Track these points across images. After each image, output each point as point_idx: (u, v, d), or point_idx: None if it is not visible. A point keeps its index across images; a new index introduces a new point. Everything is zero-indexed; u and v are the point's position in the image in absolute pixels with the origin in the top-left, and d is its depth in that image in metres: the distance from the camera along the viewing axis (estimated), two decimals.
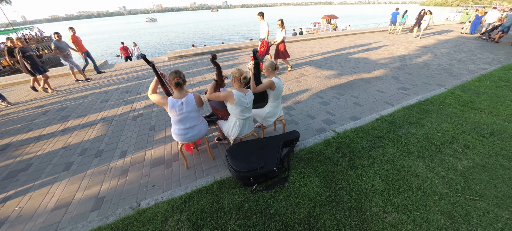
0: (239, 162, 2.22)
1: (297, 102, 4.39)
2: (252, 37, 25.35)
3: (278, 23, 5.97)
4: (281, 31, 5.91)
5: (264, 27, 6.03)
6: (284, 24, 5.98)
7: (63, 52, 6.26)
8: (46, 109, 4.89)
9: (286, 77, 5.86)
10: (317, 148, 2.75)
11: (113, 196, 2.43)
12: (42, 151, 3.37)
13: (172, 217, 1.99)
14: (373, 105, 4.11)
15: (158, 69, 2.37)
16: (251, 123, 2.60)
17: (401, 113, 3.52)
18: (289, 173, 2.35)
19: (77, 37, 6.84)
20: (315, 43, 10.62)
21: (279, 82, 2.71)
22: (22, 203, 2.44)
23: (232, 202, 2.08)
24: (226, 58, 8.58)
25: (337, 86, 5.08)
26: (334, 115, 3.80)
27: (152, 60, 2.37)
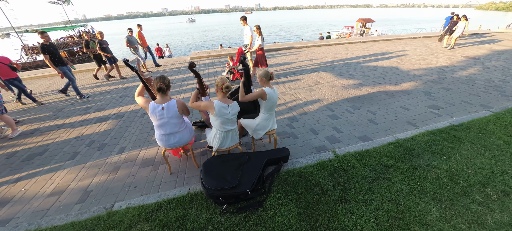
0: (211, 178, 2.07)
1: (303, 113, 4.05)
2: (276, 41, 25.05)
3: (255, 29, 5.55)
4: (258, 37, 5.49)
5: (247, 32, 5.68)
6: (261, 30, 5.54)
7: (132, 45, 6.99)
8: (81, 101, 5.49)
9: (298, 85, 5.50)
10: (308, 170, 2.44)
11: (98, 191, 2.53)
12: (59, 138, 3.75)
13: (136, 225, 1.94)
14: (392, 124, 3.53)
15: (142, 74, 2.37)
16: (234, 136, 2.43)
17: (424, 138, 2.92)
18: (266, 197, 2.10)
19: (142, 33, 7.73)
20: (340, 49, 9.87)
21: (272, 92, 2.48)
22: (28, 186, 2.70)
23: (198, 220, 1.94)
24: None
25: (354, 98, 4.55)
26: (341, 132, 3.37)
27: (135, 66, 2.38)
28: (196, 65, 2.27)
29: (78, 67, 9.01)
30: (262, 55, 5.60)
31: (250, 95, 2.43)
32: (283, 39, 30.53)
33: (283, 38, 31.51)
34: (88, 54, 7.17)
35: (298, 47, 10.29)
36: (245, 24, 5.75)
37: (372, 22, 22.24)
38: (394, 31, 23.24)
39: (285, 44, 11.51)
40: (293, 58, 8.45)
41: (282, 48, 10.09)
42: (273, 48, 10.16)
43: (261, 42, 5.46)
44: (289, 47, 10.20)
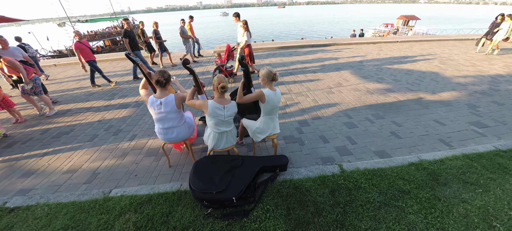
0: (199, 179, 2.01)
1: (316, 117, 3.75)
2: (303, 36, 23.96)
3: (241, 25, 5.32)
4: (244, 33, 5.26)
5: (241, 30, 5.44)
6: (247, 26, 5.31)
7: (185, 35, 7.39)
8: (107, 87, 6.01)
9: (317, 85, 5.13)
10: (306, 183, 2.21)
11: (104, 175, 2.69)
12: (85, 120, 4.13)
13: (125, 214, 2.00)
14: (419, 140, 3.03)
15: (144, 68, 2.39)
16: (230, 138, 2.32)
17: (457, 162, 2.42)
18: (255, 207, 1.97)
19: (192, 25, 8.10)
20: (372, 48, 8.94)
21: (272, 95, 2.29)
22: (51, 161, 3.02)
23: (181, 220, 1.90)
24: (280, 54, 8.34)
25: (378, 106, 4.05)
26: (355, 143, 3.01)
27: (137, 59, 2.42)
28: (190, 62, 2.20)
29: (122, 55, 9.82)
30: (249, 52, 5.44)
31: (247, 96, 2.28)
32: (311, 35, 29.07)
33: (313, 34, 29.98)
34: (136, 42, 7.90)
35: (324, 45, 9.65)
36: (238, 21, 5.62)
37: (416, 20, 19.66)
38: (442, 31, 20.17)
39: (311, 41, 10.92)
40: (318, 56, 7.94)
41: (307, 45, 9.57)
42: (297, 44, 9.71)
43: (247, 39, 5.28)
44: (315, 44, 9.63)
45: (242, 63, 2.36)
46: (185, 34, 7.37)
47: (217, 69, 5.54)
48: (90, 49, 5.48)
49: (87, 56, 5.40)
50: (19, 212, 2.12)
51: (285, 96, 4.64)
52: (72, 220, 1.99)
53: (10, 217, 2.06)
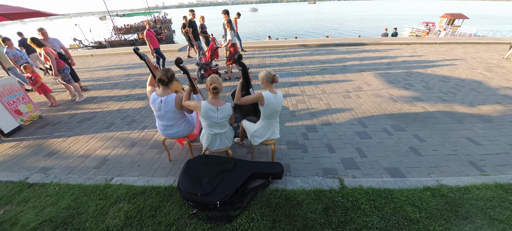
0: (187, 179, 2.01)
1: (326, 123, 3.50)
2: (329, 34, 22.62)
3: (225, 23, 5.22)
4: (229, 32, 5.12)
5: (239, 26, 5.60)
6: (232, 25, 5.13)
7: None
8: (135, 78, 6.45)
9: (334, 88, 4.80)
10: (299, 196, 2.07)
11: (112, 162, 2.88)
12: (107, 108, 4.48)
13: (119, 203, 2.10)
14: (443, 160, 2.62)
15: (151, 64, 2.45)
16: (224, 140, 2.27)
17: (486, 193, 2.02)
18: (240, 214, 1.90)
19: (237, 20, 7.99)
20: (405, 50, 8.06)
21: (272, 98, 2.17)
22: (72, 144, 3.34)
23: (167, 216, 1.93)
24: (297, 53, 8.10)
25: (400, 116, 3.62)
26: (365, 156, 2.73)
27: (144, 55, 2.48)
28: (183, 61, 2.19)
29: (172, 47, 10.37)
30: (234, 51, 5.26)
31: (245, 98, 2.20)
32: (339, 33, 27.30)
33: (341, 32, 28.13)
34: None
35: (349, 44, 9.00)
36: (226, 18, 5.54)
37: (463, 19, 17.09)
38: (494, 32, 17.13)
39: (336, 39, 10.29)
40: (340, 56, 7.44)
41: (330, 43, 9.04)
42: (320, 43, 9.23)
43: (231, 38, 5.15)
44: (339, 43, 9.03)
45: (239, 63, 2.28)
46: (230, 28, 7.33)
47: (202, 69, 5.53)
48: (157, 37, 6.08)
49: (154, 44, 5.99)
50: (36, 188, 2.38)
51: (297, 97, 4.43)
52: (75, 201, 2.16)
53: (28, 192, 2.32)
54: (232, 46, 5.28)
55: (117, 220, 1.94)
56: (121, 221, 1.93)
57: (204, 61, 5.57)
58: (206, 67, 5.49)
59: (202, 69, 5.49)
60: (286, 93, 4.68)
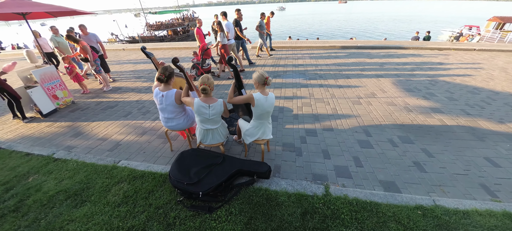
0: (178, 168, 2.18)
1: (328, 128, 3.42)
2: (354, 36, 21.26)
3: (215, 25, 5.42)
4: (219, 34, 5.30)
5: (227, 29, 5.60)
6: (222, 27, 5.30)
7: (262, 30, 7.26)
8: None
9: (344, 93, 4.63)
10: (281, 197, 2.10)
11: (123, 146, 3.22)
12: (128, 99, 4.96)
13: (121, 183, 2.38)
14: (450, 180, 2.40)
15: (157, 62, 2.68)
16: (216, 136, 2.40)
17: (489, 220, 1.82)
18: (221, 206, 2.01)
19: (270, 19, 8.00)
20: (436, 55, 7.32)
21: (263, 99, 2.23)
22: (94, 127, 3.81)
23: (158, 199, 2.13)
24: (324, 55, 7.98)
25: (412, 127, 3.37)
26: (361, 166, 2.63)
27: (151, 53, 2.71)
28: (179, 60, 2.34)
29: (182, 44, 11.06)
30: (224, 53, 5.42)
31: (237, 98, 2.29)
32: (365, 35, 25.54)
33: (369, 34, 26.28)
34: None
35: (372, 47, 8.48)
36: (225, 20, 5.82)
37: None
38: None
39: (359, 41, 9.77)
40: (360, 60, 7.07)
41: (351, 46, 8.62)
42: (340, 44, 8.87)
43: (221, 39, 5.31)
44: (362, 46, 8.57)
45: (230, 65, 2.37)
46: (262, 29, 7.23)
47: (195, 68, 5.73)
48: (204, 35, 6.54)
49: (203, 41, 6.40)
50: (59, 162, 2.79)
51: (303, 100, 4.38)
52: (87, 177, 2.49)
53: (53, 165, 2.75)
54: (223, 48, 5.45)
55: (116, 197, 2.21)
56: (119, 198, 2.19)
57: (196, 60, 5.79)
58: (198, 66, 5.70)
59: (195, 68, 5.75)
60: (294, 95, 4.65)
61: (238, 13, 6.44)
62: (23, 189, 2.39)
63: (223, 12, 6.05)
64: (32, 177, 2.58)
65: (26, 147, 3.21)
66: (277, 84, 5.28)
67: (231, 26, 5.91)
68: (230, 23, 5.91)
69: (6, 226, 1.98)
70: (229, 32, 5.74)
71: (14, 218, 2.06)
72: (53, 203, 2.19)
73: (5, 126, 3.98)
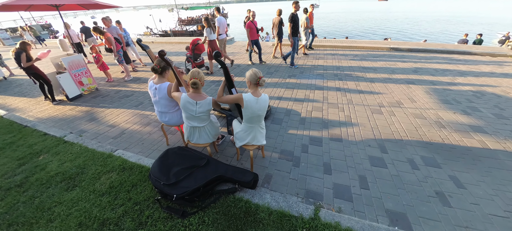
0: (159, 166, 2.11)
1: (337, 138, 3.04)
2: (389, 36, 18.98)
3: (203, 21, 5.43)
4: (205, 29, 5.37)
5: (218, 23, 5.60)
6: (209, 23, 5.30)
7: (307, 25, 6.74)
8: None
9: (364, 99, 4.10)
10: (261, 213, 1.88)
11: (126, 135, 3.34)
12: (144, 89, 5.18)
13: (110, 173, 2.43)
14: (481, 221, 1.86)
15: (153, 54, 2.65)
16: (203, 134, 2.27)
17: None
18: (196, 212, 1.88)
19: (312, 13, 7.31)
20: (487, 63, 6.07)
21: (253, 101, 2.02)
22: (108, 114, 4.03)
23: (138, 194, 2.11)
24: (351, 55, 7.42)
25: (442, 147, 2.79)
26: (367, 189, 2.24)
27: (147, 45, 2.68)
28: (166, 53, 2.24)
29: None
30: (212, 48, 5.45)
31: (225, 97, 2.12)
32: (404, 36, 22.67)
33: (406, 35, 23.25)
34: None
35: (409, 50, 7.45)
36: (217, 15, 5.92)
37: None
38: None
39: (392, 43, 8.71)
40: (390, 63, 6.25)
41: (383, 47, 7.70)
42: (369, 45, 8.01)
43: (208, 35, 5.37)
44: (395, 48, 7.59)
45: (218, 61, 2.20)
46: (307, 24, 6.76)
47: (187, 61, 5.76)
48: (257, 29, 6.21)
49: (253, 36, 6.10)
50: (67, 145, 3.00)
51: (315, 104, 4.01)
52: (84, 163, 2.61)
53: (61, 147, 2.96)
54: (209, 44, 5.45)
55: (102, 186, 2.25)
56: (105, 188, 2.23)
57: (189, 54, 5.73)
58: (191, 60, 5.66)
59: (187, 61, 5.79)
60: (305, 97, 4.29)
61: (295, 5, 5.75)
62: (32, 166, 2.61)
63: (217, 7, 6.19)
64: (43, 156, 2.81)
65: (46, 127, 3.55)
66: (289, 84, 4.96)
67: (223, 21, 5.82)
68: (222, 18, 5.85)
69: (8, 199, 2.17)
70: (220, 27, 5.66)
71: (16, 193, 2.24)
72: (50, 183, 2.33)
73: (37, 106, 4.50)
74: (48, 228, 1.85)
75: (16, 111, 4.31)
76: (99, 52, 5.60)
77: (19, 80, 6.43)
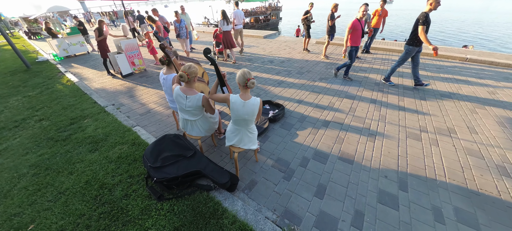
0: (152, 148, 2.31)
1: (348, 159, 2.63)
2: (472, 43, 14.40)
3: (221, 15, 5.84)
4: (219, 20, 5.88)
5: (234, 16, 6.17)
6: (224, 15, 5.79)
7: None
8: None
9: (402, 119, 3.37)
10: (225, 220, 1.82)
11: (151, 114, 3.77)
12: None
13: (123, 145, 2.82)
14: None
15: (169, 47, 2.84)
16: (194, 128, 2.34)
17: None
18: (171, 199, 1.99)
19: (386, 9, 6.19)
20: None
21: (239, 104, 1.94)
22: (145, 93, 4.65)
23: (135, 169, 2.40)
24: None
25: (492, 202, 2.03)
26: (358, 229, 1.87)
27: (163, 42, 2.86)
28: (167, 46, 2.31)
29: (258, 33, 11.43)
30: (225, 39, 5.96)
31: (215, 95, 2.11)
32: (495, 44, 16.94)
33: (504, 44, 17.29)
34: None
35: (492, 63, 5.59)
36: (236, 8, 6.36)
37: None
38: None
39: (473, 51, 6.75)
40: (461, 77, 4.88)
41: (458, 56, 6.05)
42: (443, 53, 6.44)
43: (221, 26, 5.86)
44: (475, 58, 5.85)
45: (207, 57, 2.16)
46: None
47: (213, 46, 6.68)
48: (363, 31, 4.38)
49: (356, 40, 4.33)
50: (105, 114, 3.64)
51: (337, 114, 3.54)
52: (109, 131, 3.13)
53: (101, 115, 3.61)
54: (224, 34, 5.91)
55: (114, 155, 2.64)
56: (115, 157, 2.61)
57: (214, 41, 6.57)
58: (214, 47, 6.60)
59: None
60: (330, 104, 3.83)
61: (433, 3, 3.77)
62: (77, 126, 3.30)
63: (236, 1, 6.39)
64: (87, 120, 3.50)
65: (97, 97, 4.39)
66: (316, 88, 4.53)
67: (239, 13, 6.27)
68: (238, 11, 6.30)
69: (53, 149, 2.82)
70: (236, 19, 6.23)
71: (60, 145, 2.89)
72: (82, 143, 2.90)
73: (100, 79, 5.60)
74: (67, 178, 2.33)
75: (85, 80, 5.51)
76: (150, 38, 6.46)
77: (97, 55, 8.15)
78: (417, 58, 4.17)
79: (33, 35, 14.71)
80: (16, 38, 15.67)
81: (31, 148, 2.90)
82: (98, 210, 1.96)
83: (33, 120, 3.65)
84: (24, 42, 13.21)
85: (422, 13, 3.72)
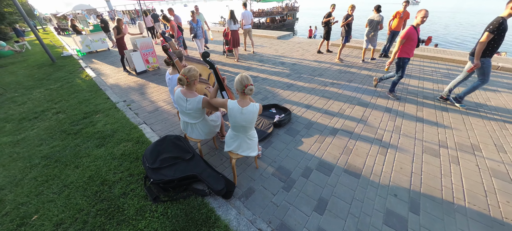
0: (153, 148, 2.32)
1: (355, 172, 2.47)
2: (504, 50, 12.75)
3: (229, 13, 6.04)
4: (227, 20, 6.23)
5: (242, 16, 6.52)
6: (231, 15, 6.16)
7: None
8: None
9: (417, 131, 3.10)
10: (217, 228, 1.77)
11: (158, 112, 3.83)
12: None
13: (128, 142, 2.88)
14: None
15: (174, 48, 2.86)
16: (195, 130, 2.31)
17: None
18: (165, 202, 1.98)
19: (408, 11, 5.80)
20: None
21: (237, 110, 1.87)
22: (155, 90, 4.77)
23: (136, 168, 2.43)
24: None
25: None
26: None
27: (169, 37, 2.88)
28: (169, 48, 2.29)
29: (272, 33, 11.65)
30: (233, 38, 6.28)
31: (215, 100, 2.06)
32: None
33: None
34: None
35: None
36: (244, 9, 6.54)
37: None
38: None
39: (506, 60, 6.08)
40: (494, 87, 4.42)
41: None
42: (455, 58, 5.88)
43: (228, 25, 6.21)
44: (508, 67, 5.27)
45: (206, 61, 2.10)
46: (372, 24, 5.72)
47: None
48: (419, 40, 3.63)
49: (410, 51, 3.59)
50: (115, 110, 3.76)
51: (347, 122, 3.35)
52: (117, 128, 3.21)
53: (112, 111, 3.73)
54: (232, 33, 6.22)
55: (118, 152, 2.71)
56: (119, 153, 2.67)
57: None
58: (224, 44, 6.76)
59: None
60: (340, 111, 3.64)
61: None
62: (88, 121, 3.44)
63: (244, 2, 6.53)
64: (99, 115, 3.64)
65: (111, 93, 4.57)
66: (327, 93, 4.34)
67: (247, 14, 6.54)
68: (247, 11, 6.53)
69: (65, 141, 2.95)
70: (244, 19, 6.54)
71: (71, 138, 3.02)
72: (91, 138, 3.01)
73: (116, 75, 5.84)
74: (73, 171, 2.42)
75: (102, 76, 5.77)
76: None
77: (116, 52, 8.53)
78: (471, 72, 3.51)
79: (62, 31, 15.82)
80: (46, 34, 16.98)
81: (45, 140, 3.07)
82: (96, 206, 2.01)
83: (51, 113, 3.88)
84: (53, 38, 14.25)
85: (497, 17, 3.00)
